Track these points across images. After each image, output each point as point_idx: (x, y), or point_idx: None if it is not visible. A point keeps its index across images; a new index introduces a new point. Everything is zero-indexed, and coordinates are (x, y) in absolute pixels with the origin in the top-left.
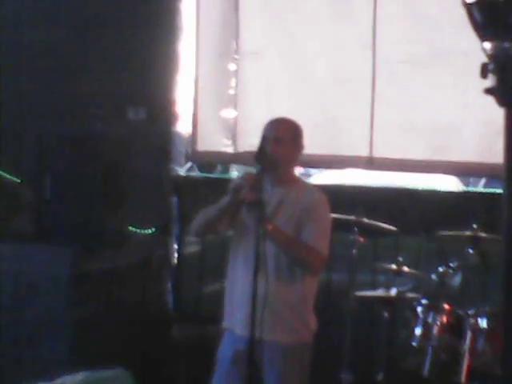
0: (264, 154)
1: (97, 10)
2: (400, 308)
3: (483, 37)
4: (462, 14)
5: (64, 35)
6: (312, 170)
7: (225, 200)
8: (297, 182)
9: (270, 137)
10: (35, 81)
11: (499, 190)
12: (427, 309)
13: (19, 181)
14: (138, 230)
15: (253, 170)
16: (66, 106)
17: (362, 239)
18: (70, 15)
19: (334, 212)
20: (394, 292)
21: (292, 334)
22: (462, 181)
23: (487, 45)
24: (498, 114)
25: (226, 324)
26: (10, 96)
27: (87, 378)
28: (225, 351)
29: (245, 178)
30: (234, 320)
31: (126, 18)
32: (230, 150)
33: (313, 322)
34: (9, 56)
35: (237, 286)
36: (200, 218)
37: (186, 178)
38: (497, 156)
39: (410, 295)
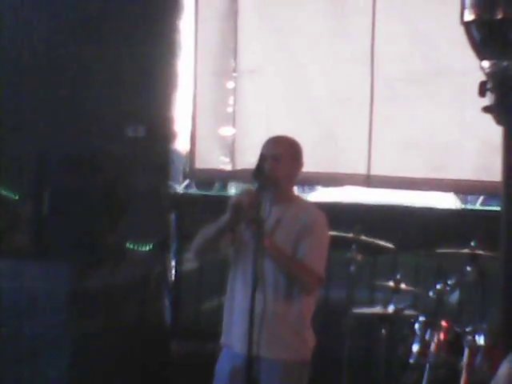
0: (262, 171)
1: (96, 28)
2: (398, 325)
3: (481, 55)
4: (461, 32)
5: (63, 53)
6: (310, 188)
7: (224, 218)
8: (295, 199)
9: (269, 154)
10: (35, 98)
11: (497, 208)
12: (425, 326)
13: (18, 197)
14: (137, 247)
15: (251, 187)
16: (65, 123)
17: (359, 257)
18: (69, 34)
19: (332, 229)
20: (391, 309)
21: (290, 352)
22: (459, 199)
23: (485, 63)
24: (496, 132)
25: (224, 340)
26: (9, 113)
27: None
28: (223, 367)
29: (244, 195)
30: (233, 337)
31: (125, 36)
32: (227, 167)
33: (311, 339)
34: (9, 74)
35: (235, 303)
36: (200, 239)
37: (184, 196)
38: (495, 174)
39: (408, 312)
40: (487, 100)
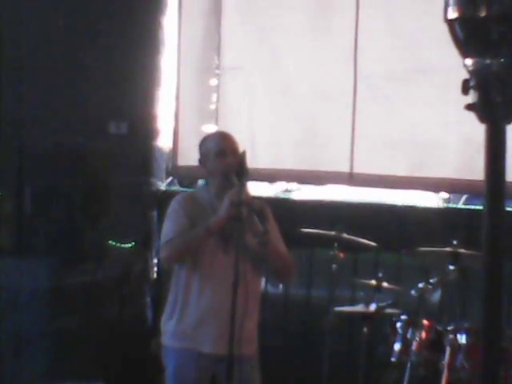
0: (245, 168)
1: (77, 25)
2: (379, 324)
3: (465, 53)
4: (444, 30)
5: (44, 51)
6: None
7: (218, 217)
8: None
9: (229, 150)
10: (16, 94)
11: (479, 207)
12: (406, 324)
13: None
14: (118, 244)
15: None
16: (47, 119)
17: (341, 255)
18: (50, 32)
19: (315, 227)
20: (373, 308)
21: (253, 345)
22: (442, 197)
23: (468, 61)
24: (479, 130)
25: (182, 344)
26: None
27: None
28: (188, 374)
29: (233, 192)
30: (198, 338)
31: (108, 33)
32: None
33: None
34: None
35: (198, 303)
36: (181, 246)
37: (167, 193)
38: (477, 173)
39: (390, 311)
40: (470, 98)
